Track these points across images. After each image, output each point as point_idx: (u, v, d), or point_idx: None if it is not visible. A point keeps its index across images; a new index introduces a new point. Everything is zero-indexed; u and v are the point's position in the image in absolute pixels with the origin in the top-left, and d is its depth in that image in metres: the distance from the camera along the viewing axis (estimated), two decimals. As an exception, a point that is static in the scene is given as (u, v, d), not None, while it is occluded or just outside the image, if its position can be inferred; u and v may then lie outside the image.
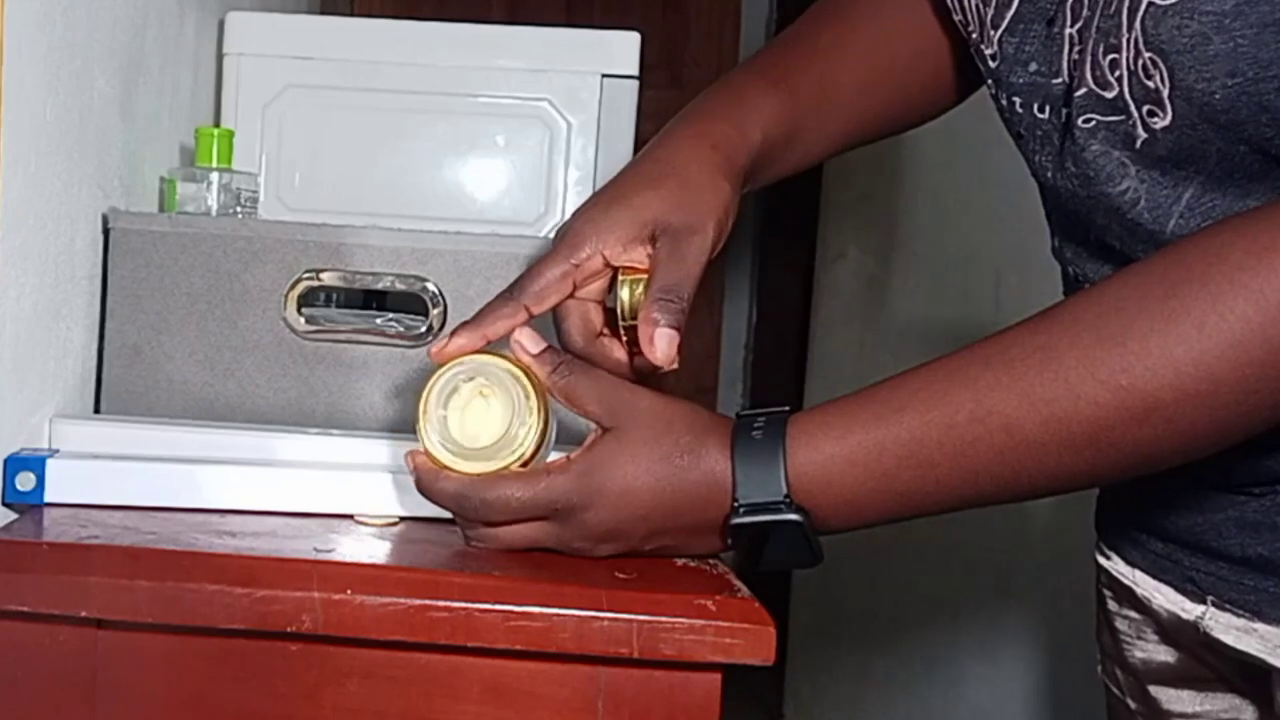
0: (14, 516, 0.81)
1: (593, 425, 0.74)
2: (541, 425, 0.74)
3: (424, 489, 0.75)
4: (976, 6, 0.78)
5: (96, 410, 0.98)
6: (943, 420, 0.66)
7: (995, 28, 0.77)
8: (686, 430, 0.71)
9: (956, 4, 0.80)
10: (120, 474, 0.83)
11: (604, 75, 1.27)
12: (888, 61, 0.90)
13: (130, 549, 0.73)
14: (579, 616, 0.69)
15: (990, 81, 0.79)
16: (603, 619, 0.69)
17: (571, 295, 0.78)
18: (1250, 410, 0.63)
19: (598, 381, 0.74)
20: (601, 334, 0.79)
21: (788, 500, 0.68)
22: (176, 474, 0.83)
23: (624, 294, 0.77)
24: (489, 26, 1.31)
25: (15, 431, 0.84)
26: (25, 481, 0.81)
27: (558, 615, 0.69)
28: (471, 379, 0.75)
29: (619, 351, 0.79)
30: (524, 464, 0.74)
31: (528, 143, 1.28)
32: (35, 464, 0.81)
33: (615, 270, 0.78)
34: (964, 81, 0.92)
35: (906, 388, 0.68)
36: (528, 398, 0.74)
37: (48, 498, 0.81)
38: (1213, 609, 0.78)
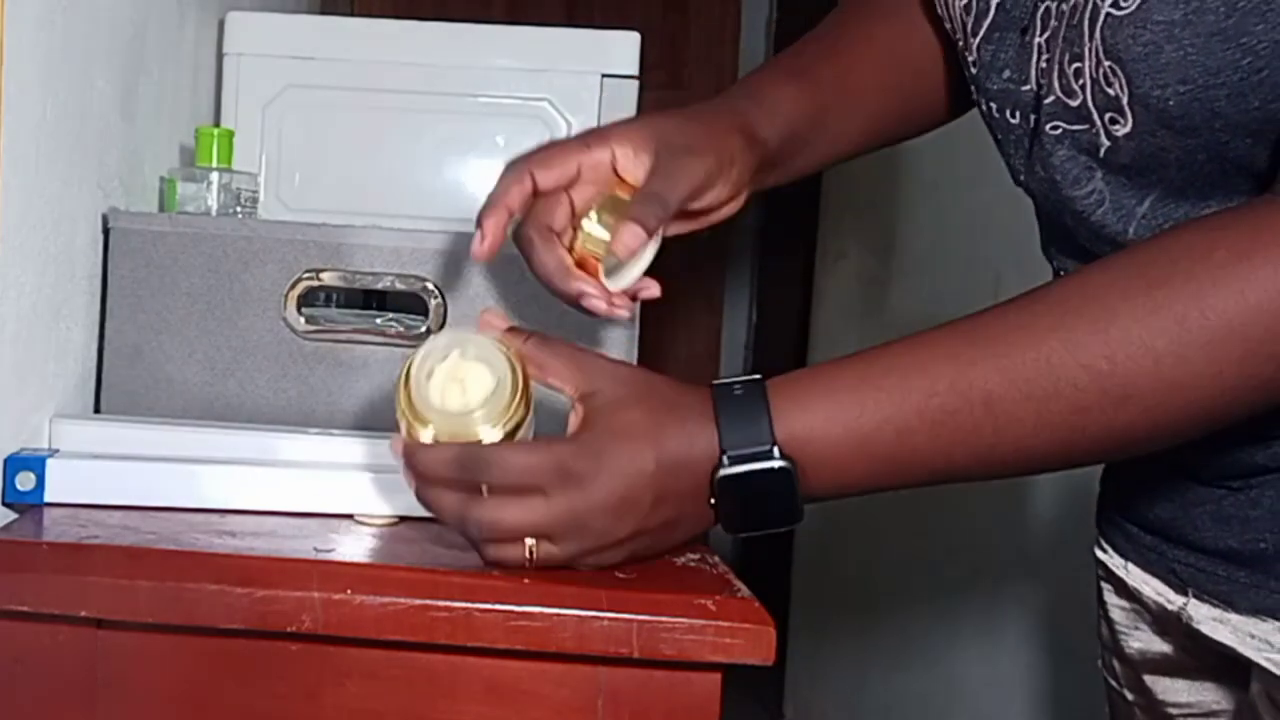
0: (14, 516, 0.81)
1: (565, 401, 0.72)
2: (525, 397, 0.72)
3: (417, 464, 0.71)
4: (960, 15, 0.80)
5: (96, 410, 0.98)
6: (923, 388, 0.67)
7: (975, 35, 0.79)
8: (666, 387, 0.71)
9: (946, 13, 0.83)
10: (120, 474, 0.83)
11: (604, 75, 1.27)
12: (906, 60, 0.92)
13: (130, 549, 0.73)
14: (579, 616, 0.69)
15: (972, 87, 0.82)
16: (603, 619, 0.69)
17: (573, 183, 0.79)
18: (1225, 403, 0.65)
19: (569, 351, 0.73)
20: (557, 234, 0.79)
21: (775, 448, 0.68)
22: (176, 474, 0.83)
23: (590, 227, 0.78)
24: (489, 26, 1.31)
25: (15, 431, 0.84)
26: (25, 481, 0.81)
27: (558, 615, 0.69)
28: (445, 358, 0.72)
29: (561, 253, 0.78)
30: (510, 434, 0.71)
31: (528, 143, 1.25)
32: (35, 464, 0.81)
33: (612, 187, 0.79)
34: (961, 95, 0.93)
35: (889, 355, 0.69)
36: (511, 368, 0.72)
37: (48, 498, 0.81)
38: (1193, 600, 0.80)
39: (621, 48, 1.27)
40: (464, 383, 0.72)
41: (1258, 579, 0.76)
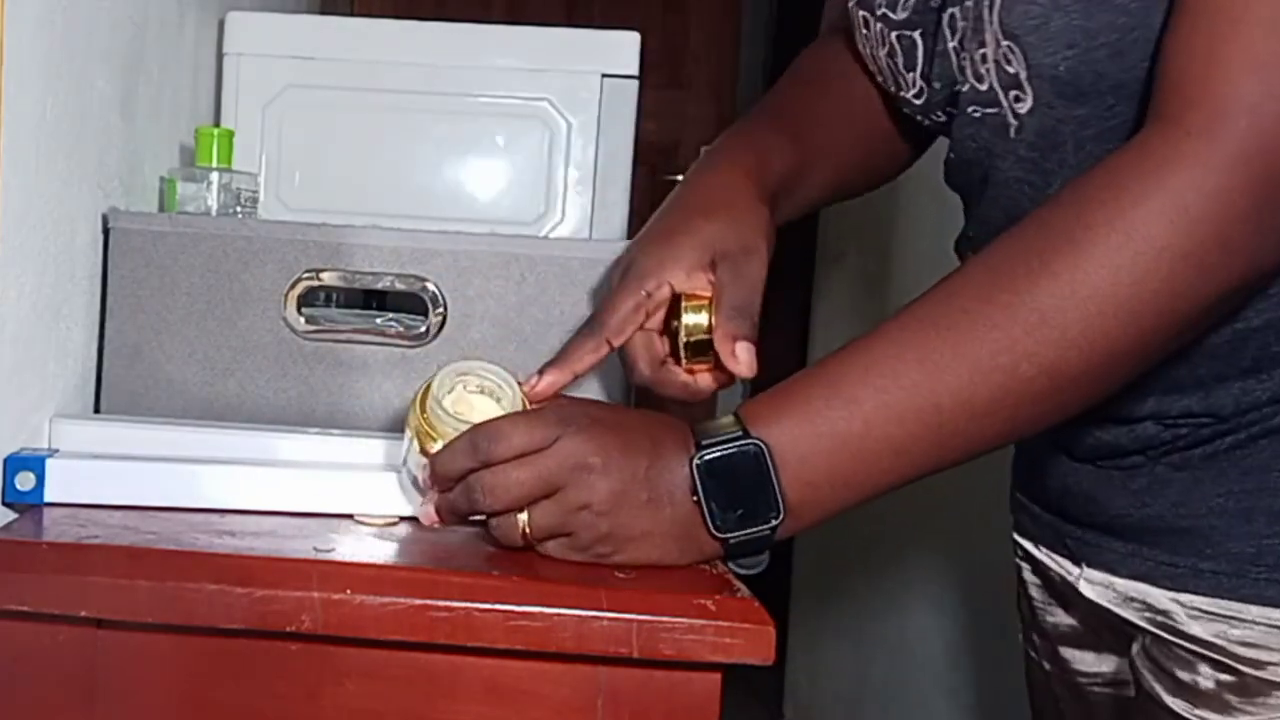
0: (14, 516, 0.81)
1: None
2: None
3: (437, 466, 0.74)
4: (887, 63, 0.87)
5: (96, 410, 0.98)
6: (861, 352, 0.72)
7: (911, 69, 0.86)
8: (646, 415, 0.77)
9: (875, 66, 0.89)
10: (120, 474, 0.83)
11: (604, 75, 1.27)
12: (862, 113, 0.97)
13: (130, 549, 0.73)
14: (579, 616, 0.69)
15: (919, 116, 0.88)
16: (603, 619, 0.69)
17: (643, 326, 0.83)
18: (1134, 314, 0.67)
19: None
20: (664, 361, 0.84)
21: (745, 432, 0.72)
22: (176, 474, 0.83)
23: (689, 319, 0.81)
24: (489, 26, 1.31)
25: (15, 431, 0.84)
26: (25, 481, 0.81)
27: (558, 615, 0.69)
28: (451, 390, 0.77)
29: (684, 375, 0.83)
30: None
31: (528, 143, 1.28)
32: (35, 464, 0.81)
33: (677, 298, 0.82)
34: (914, 139, 1.01)
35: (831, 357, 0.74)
36: (514, 392, 0.78)
37: (48, 498, 0.81)
38: (1086, 569, 0.85)
39: (621, 48, 1.27)
40: (472, 406, 0.77)
41: (1132, 548, 0.81)
